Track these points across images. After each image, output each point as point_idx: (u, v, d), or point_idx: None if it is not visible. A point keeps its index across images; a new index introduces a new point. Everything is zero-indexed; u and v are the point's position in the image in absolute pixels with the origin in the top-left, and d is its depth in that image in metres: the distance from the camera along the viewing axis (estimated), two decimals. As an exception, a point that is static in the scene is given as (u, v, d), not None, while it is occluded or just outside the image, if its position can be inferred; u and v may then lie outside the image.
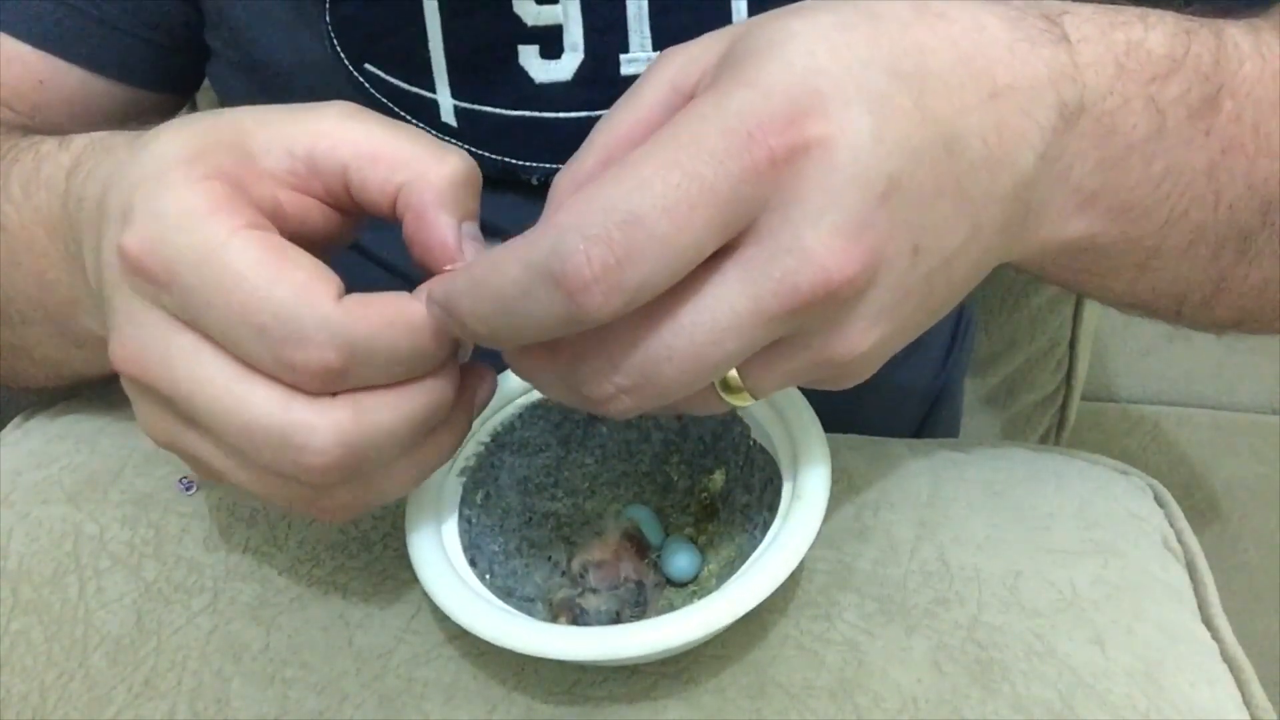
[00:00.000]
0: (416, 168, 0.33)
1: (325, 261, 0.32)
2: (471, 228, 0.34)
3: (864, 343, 0.31)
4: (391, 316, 0.31)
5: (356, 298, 0.31)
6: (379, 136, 0.34)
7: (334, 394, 0.31)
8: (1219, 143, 0.36)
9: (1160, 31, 0.35)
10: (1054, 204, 0.34)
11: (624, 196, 0.28)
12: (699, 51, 0.33)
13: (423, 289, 0.32)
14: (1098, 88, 0.34)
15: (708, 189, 0.28)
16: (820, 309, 0.30)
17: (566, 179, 0.33)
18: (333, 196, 0.35)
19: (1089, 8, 0.35)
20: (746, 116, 0.28)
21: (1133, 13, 0.36)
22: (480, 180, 0.35)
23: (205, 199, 0.31)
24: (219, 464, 0.33)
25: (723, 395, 0.32)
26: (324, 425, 0.31)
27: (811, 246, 0.29)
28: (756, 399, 0.32)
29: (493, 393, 0.37)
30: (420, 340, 0.32)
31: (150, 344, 0.32)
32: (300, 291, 0.30)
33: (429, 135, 0.35)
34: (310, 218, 0.35)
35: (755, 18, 0.32)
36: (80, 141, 0.40)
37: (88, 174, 0.37)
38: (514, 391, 0.43)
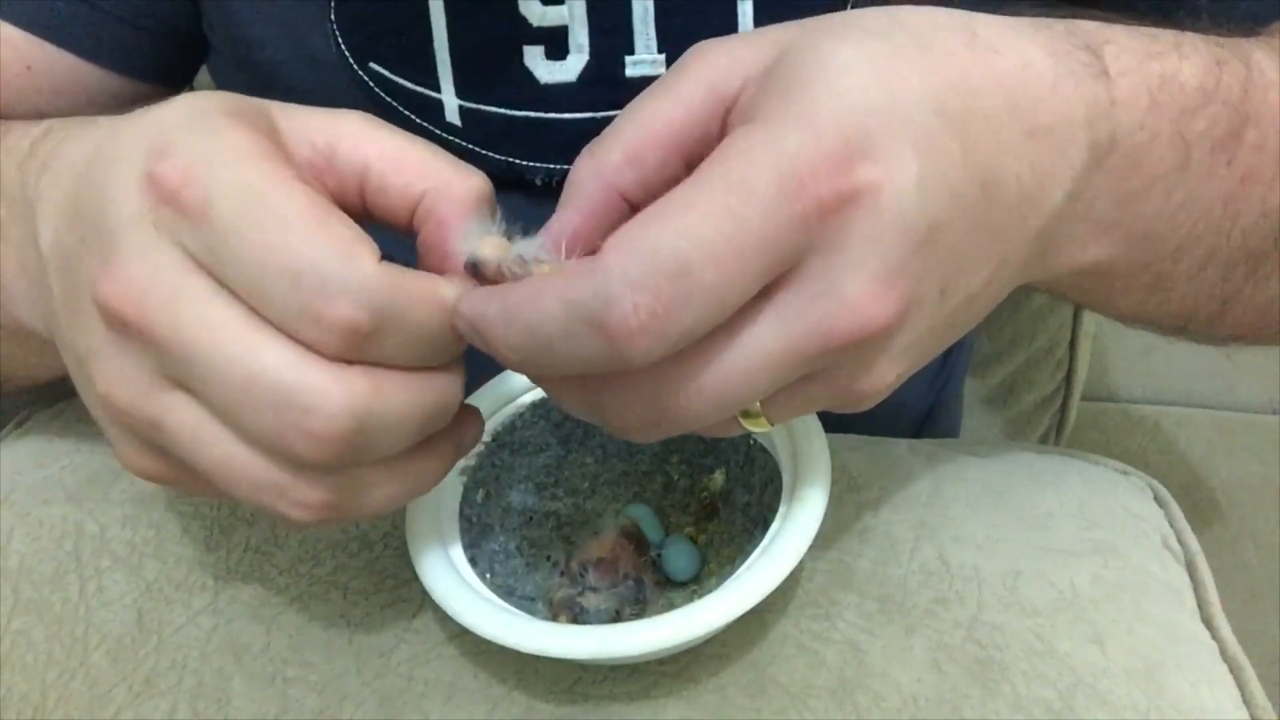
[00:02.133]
0: (440, 179, 0.33)
1: None
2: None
3: (887, 378, 0.32)
4: (427, 292, 0.30)
5: (396, 266, 0.30)
6: (403, 145, 0.34)
7: (350, 363, 0.30)
8: (1239, 172, 0.36)
9: (1194, 62, 0.35)
10: (1074, 235, 0.34)
11: (672, 243, 0.27)
12: (742, 55, 0.31)
13: (452, 285, 0.31)
14: (1130, 123, 0.34)
15: (757, 238, 0.28)
16: (850, 351, 0.30)
17: (589, 168, 0.32)
18: (343, 196, 0.34)
19: (1127, 34, 0.35)
20: (799, 160, 0.28)
21: (1169, 40, 0.36)
22: (495, 203, 0.34)
23: (255, 144, 0.30)
24: (195, 432, 0.31)
25: (741, 421, 0.32)
26: (338, 391, 0.30)
27: (849, 293, 0.29)
28: (773, 425, 0.33)
29: (479, 437, 0.36)
30: (446, 324, 0.31)
31: (157, 281, 0.30)
32: (344, 246, 0.29)
33: (448, 153, 0.34)
34: None
35: (803, 28, 0.31)
36: (57, 119, 0.38)
37: (63, 139, 0.36)
38: (514, 391, 0.43)
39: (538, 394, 0.43)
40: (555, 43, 0.46)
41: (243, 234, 0.29)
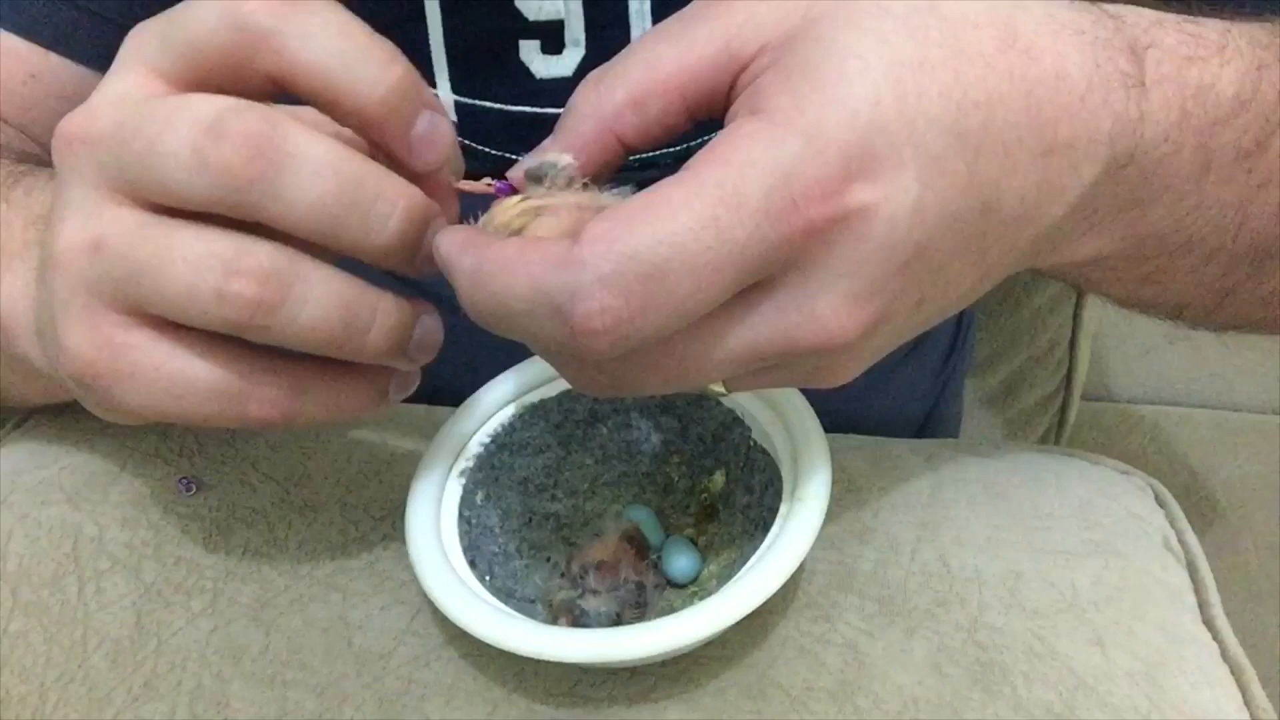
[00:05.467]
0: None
1: None
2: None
3: (849, 375, 0.32)
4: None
5: None
6: None
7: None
8: (1258, 179, 0.36)
9: (1234, 69, 0.34)
10: (1070, 237, 0.34)
11: (651, 247, 0.27)
12: (765, 15, 0.30)
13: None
14: (1154, 137, 0.33)
15: (738, 252, 0.27)
16: (814, 356, 0.30)
17: (590, 103, 0.31)
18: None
19: (1174, 34, 0.34)
20: (794, 179, 0.27)
21: (1213, 42, 0.34)
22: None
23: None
24: (148, 360, 0.32)
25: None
26: (257, 246, 0.30)
27: (820, 309, 0.29)
28: (731, 393, 0.33)
29: (411, 385, 0.37)
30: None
31: (88, 223, 0.32)
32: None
33: None
34: None
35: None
36: None
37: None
38: (514, 392, 0.43)
39: (537, 395, 0.43)
40: (551, 37, 0.46)
41: (133, 132, 0.31)
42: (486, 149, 0.48)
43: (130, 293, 0.31)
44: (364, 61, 0.31)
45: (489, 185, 0.33)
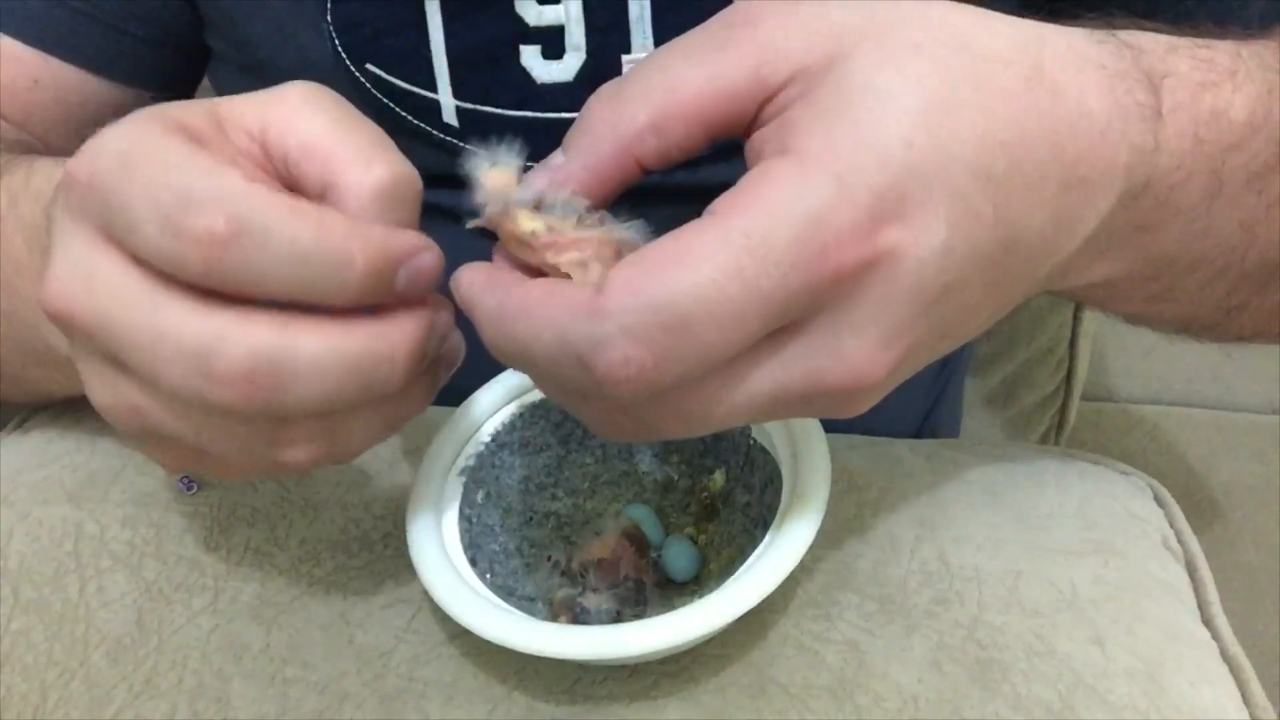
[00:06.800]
0: (342, 171, 0.31)
1: None
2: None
3: (867, 406, 0.31)
4: (301, 207, 0.29)
5: (269, 186, 0.29)
6: (321, 128, 0.32)
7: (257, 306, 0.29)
8: (1267, 200, 0.36)
9: (1245, 93, 0.34)
10: (1082, 264, 0.34)
11: (675, 299, 0.27)
12: (798, 44, 0.29)
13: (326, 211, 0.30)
14: (1167, 166, 0.33)
15: (764, 301, 0.27)
16: (837, 395, 0.30)
17: (607, 121, 0.31)
18: (290, 183, 0.33)
19: (1188, 61, 0.34)
20: (825, 225, 0.27)
21: (1225, 66, 0.35)
22: (419, 190, 0.33)
23: (157, 123, 0.30)
24: (152, 413, 0.30)
25: None
26: (239, 331, 0.28)
27: (848, 352, 0.29)
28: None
29: (458, 355, 0.35)
30: (328, 243, 0.28)
31: (77, 270, 0.30)
32: (207, 165, 0.29)
33: (376, 132, 0.33)
34: None
35: (865, 29, 0.29)
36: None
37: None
38: (514, 391, 0.43)
39: (537, 394, 0.43)
40: (552, 42, 0.46)
41: (119, 184, 0.29)
42: None
43: (118, 360, 0.30)
44: (325, 273, 0.29)
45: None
